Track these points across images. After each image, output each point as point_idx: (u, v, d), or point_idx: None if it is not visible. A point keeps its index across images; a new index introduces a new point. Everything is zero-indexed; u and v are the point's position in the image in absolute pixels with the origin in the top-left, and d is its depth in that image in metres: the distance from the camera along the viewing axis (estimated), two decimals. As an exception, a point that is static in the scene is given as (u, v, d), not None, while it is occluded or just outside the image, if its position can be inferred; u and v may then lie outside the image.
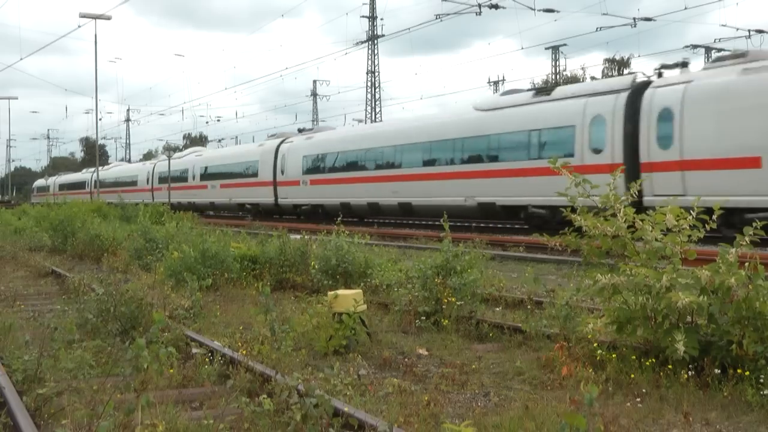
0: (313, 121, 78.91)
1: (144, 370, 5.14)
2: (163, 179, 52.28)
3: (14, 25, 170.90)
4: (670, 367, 6.24)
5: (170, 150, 55.18)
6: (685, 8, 34.80)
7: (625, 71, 68.71)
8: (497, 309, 9.86)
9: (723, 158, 17.65)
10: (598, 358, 6.69)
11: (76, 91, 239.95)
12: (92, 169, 74.20)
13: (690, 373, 6.13)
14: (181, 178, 49.63)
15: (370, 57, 63.94)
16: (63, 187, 74.62)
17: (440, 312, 8.86)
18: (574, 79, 68.95)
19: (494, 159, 24.60)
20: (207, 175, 46.34)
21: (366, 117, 64.54)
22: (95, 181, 64.98)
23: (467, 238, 14.43)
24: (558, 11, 36.05)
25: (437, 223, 23.82)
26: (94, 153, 67.10)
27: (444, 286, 8.94)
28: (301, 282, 12.38)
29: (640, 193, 16.60)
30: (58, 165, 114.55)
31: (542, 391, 6.23)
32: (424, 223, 30.30)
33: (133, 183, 58.49)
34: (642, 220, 6.84)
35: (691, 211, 6.74)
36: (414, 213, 29.11)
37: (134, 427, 4.82)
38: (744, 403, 5.70)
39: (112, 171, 67.61)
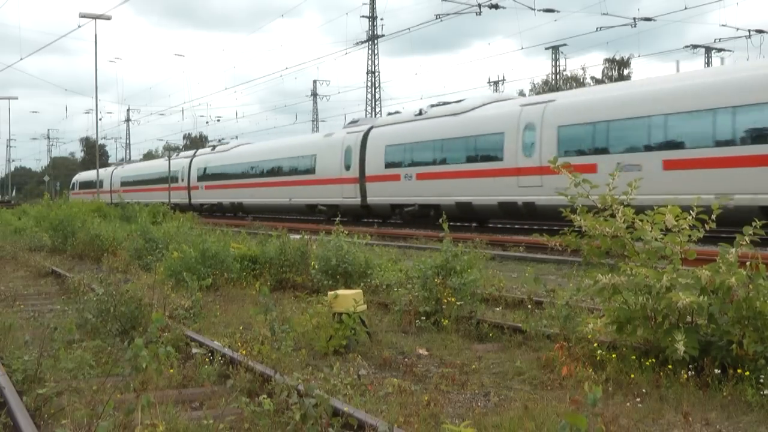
0: (313, 121, 79.00)
1: (143, 370, 5.14)
2: (395, 162, 28.66)
3: (14, 25, 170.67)
4: (670, 367, 6.24)
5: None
6: (685, 8, 34.83)
7: (625, 71, 68.78)
8: (497, 309, 9.86)
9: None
10: (598, 358, 6.69)
11: (76, 91, 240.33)
12: (189, 153, 50.80)
13: (690, 373, 6.13)
14: (451, 156, 26.03)
15: (370, 57, 64.01)
16: (130, 182, 54.34)
17: (440, 312, 8.85)
18: (574, 80, 68.99)
19: None
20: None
21: (366, 116, 64.46)
22: (203, 171, 43.80)
23: (467, 238, 14.43)
24: (558, 11, 36.12)
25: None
26: (94, 153, 66.09)
27: (444, 286, 8.93)
28: (301, 282, 12.38)
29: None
30: (58, 165, 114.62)
31: (542, 391, 6.23)
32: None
33: (298, 171, 35.09)
34: (641, 221, 6.85)
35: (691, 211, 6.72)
36: None
37: (134, 427, 4.82)
38: (744, 403, 5.70)
39: (237, 152, 42.30)
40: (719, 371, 6.06)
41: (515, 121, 23.22)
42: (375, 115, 63.43)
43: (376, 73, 64.45)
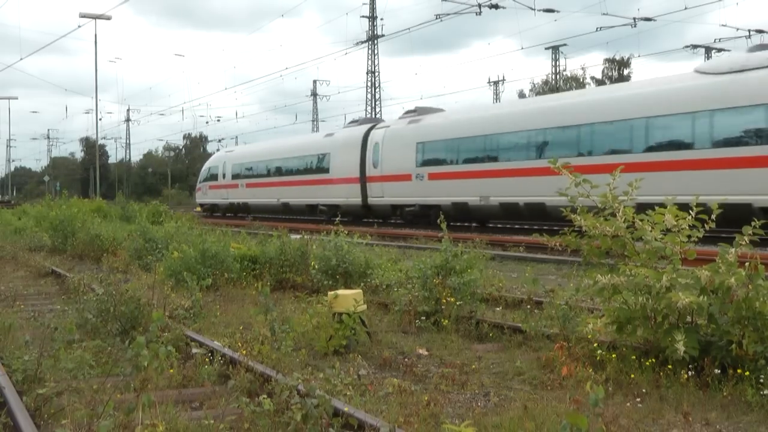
0: (313, 121, 79.00)
1: (144, 369, 5.14)
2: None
3: (14, 25, 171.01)
4: (670, 367, 6.24)
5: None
6: (685, 8, 34.87)
7: (625, 71, 68.73)
8: (497, 309, 9.86)
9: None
10: (598, 358, 6.69)
11: (76, 91, 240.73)
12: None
13: (690, 373, 6.13)
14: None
15: (370, 57, 63.99)
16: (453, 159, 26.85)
17: (440, 312, 8.85)
18: (574, 80, 68.93)
19: None
20: None
21: (366, 116, 64.40)
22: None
23: (467, 238, 14.43)
24: (558, 11, 36.12)
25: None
26: (94, 153, 66.03)
27: (444, 286, 8.93)
28: (301, 282, 12.38)
29: None
30: (58, 165, 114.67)
31: (542, 391, 6.23)
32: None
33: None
34: (641, 220, 6.84)
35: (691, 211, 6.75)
36: None
37: (134, 427, 4.82)
38: (744, 403, 5.70)
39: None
40: (719, 371, 6.06)
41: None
42: (375, 115, 63.51)
43: (376, 73, 64.48)
